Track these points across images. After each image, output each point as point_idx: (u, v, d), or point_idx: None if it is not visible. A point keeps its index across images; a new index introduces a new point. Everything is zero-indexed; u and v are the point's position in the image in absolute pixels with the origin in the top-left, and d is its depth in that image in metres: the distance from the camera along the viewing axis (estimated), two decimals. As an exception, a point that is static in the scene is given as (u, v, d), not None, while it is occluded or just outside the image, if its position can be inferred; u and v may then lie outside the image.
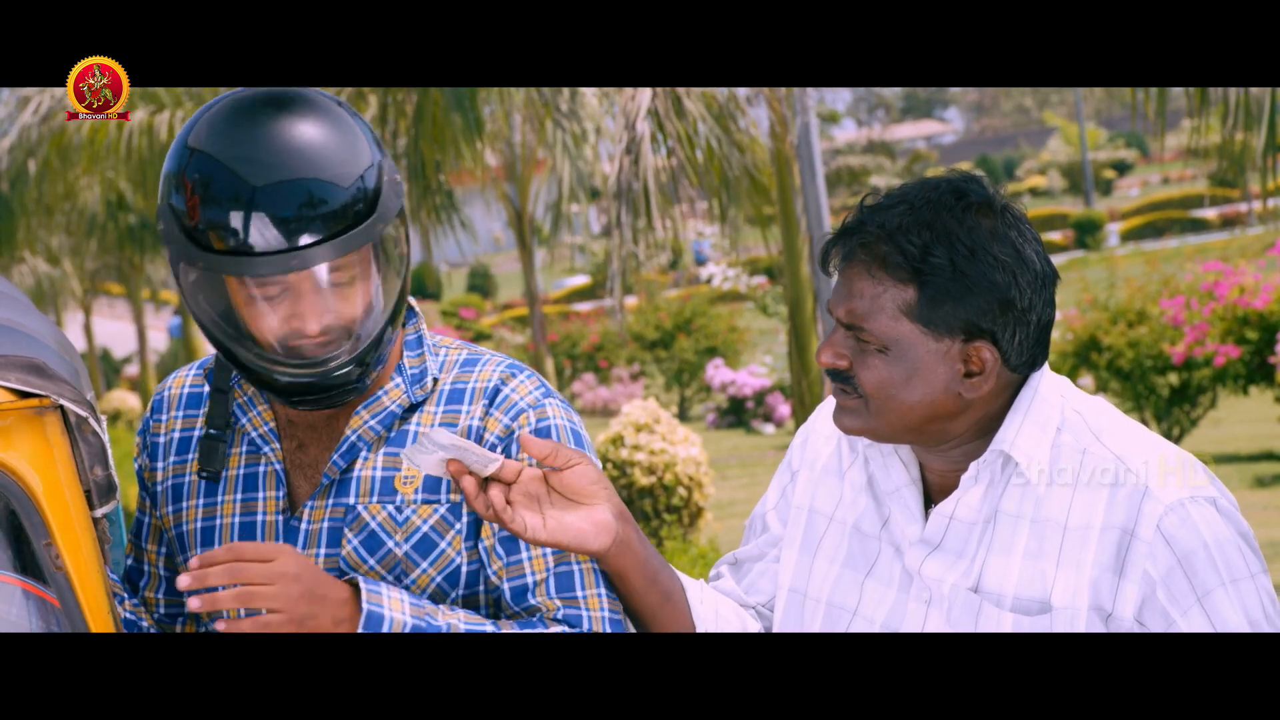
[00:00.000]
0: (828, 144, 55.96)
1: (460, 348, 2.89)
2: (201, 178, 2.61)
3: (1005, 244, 2.43)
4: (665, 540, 10.88)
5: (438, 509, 2.76)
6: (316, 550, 2.79)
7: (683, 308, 26.12)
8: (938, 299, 2.42)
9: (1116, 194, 62.99)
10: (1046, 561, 2.44)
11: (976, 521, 2.50)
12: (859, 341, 2.47)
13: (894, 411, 2.47)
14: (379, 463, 2.79)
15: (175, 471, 2.95)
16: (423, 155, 12.34)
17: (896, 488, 2.61)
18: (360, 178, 2.64)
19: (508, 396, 2.79)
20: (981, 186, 2.48)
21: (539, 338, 18.48)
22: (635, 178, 10.24)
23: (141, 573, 3.00)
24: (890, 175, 54.97)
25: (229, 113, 2.66)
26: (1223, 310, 15.62)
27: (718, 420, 23.11)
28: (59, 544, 2.65)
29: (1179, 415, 16.44)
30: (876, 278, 2.44)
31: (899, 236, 2.42)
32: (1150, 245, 36.73)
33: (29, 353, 2.79)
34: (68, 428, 2.72)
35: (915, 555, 2.55)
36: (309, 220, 2.60)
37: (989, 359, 2.45)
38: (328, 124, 2.65)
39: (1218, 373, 15.58)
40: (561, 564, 2.73)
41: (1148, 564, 2.37)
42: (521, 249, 17.47)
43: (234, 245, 2.60)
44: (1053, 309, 2.49)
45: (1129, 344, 16.09)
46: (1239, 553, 2.39)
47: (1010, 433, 2.48)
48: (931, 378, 2.45)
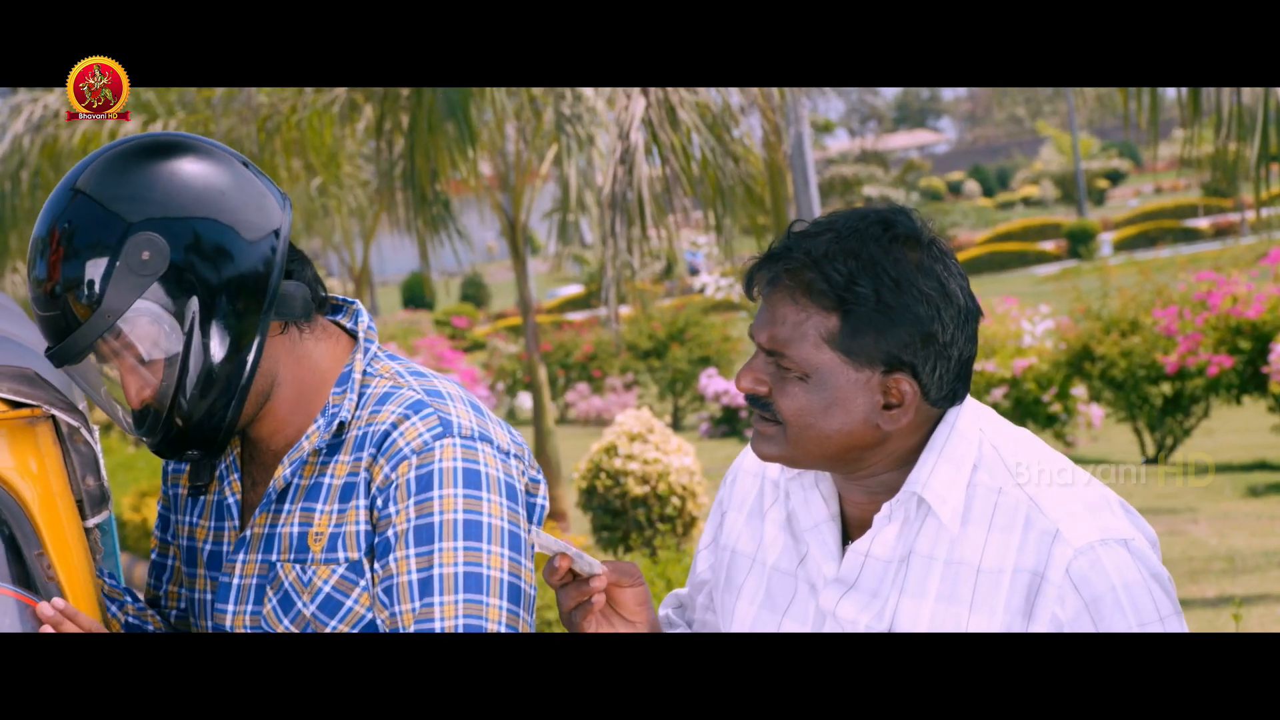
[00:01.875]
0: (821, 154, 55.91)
1: (389, 378, 2.76)
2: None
3: (930, 277, 2.41)
4: (659, 549, 10.87)
5: (336, 569, 2.68)
6: (245, 606, 2.76)
7: (676, 317, 26.11)
8: (860, 329, 2.40)
9: (1109, 203, 63.02)
10: (959, 605, 2.40)
11: (892, 560, 2.48)
12: (779, 368, 2.45)
13: (811, 440, 2.45)
14: (297, 518, 2.73)
15: (175, 480, 2.97)
16: (416, 165, 12.33)
17: (815, 524, 2.58)
18: (82, 284, 2.61)
19: (394, 441, 2.66)
20: (909, 219, 2.46)
21: (532, 347, 18.46)
22: (629, 187, 10.24)
23: (164, 567, 3.00)
24: (884, 185, 54.95)
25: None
26: (1216, 320, 15.63)
27: (711, 430, 23.10)
28: (51, 554, 2.65)
29: (1172, 425, 16.45)
30: (800, 304, 2.42)
31: (825, 264, 2.40)
32: (1143, 255, 36.69)
33: (21, 362, 2.78)
34: (60, 437, 2.72)
35: (830, 595, 2.53)
36: (49, 323, 2.65)
37: (908, 391, 2.42)
38: (73, 245, 2.62)
39: (1211, 382, 15.60)
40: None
41: (1056, 608, 2.34)
42: (515, 258, 17.45)
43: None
44: (974, 345, 2.47)
45: (1122, 354, 16.10)
46: (1148, 596, 2.34)
47: (924, 473, 2.45)
48: (850, 408, 2.43)
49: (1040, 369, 16.79)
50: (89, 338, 2.60)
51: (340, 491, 2.70)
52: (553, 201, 19.38)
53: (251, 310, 2.66)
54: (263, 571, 2.75)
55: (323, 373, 2.77)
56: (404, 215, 13.29)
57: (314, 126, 14.61)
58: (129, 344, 2.62)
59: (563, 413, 26.39)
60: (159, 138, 2.71)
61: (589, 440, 15.82)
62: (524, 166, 17.33)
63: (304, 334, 2.75)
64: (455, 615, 2.60)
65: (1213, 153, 9.23)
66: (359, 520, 2.68)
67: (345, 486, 2.70)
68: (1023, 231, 49.92)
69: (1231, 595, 10.00)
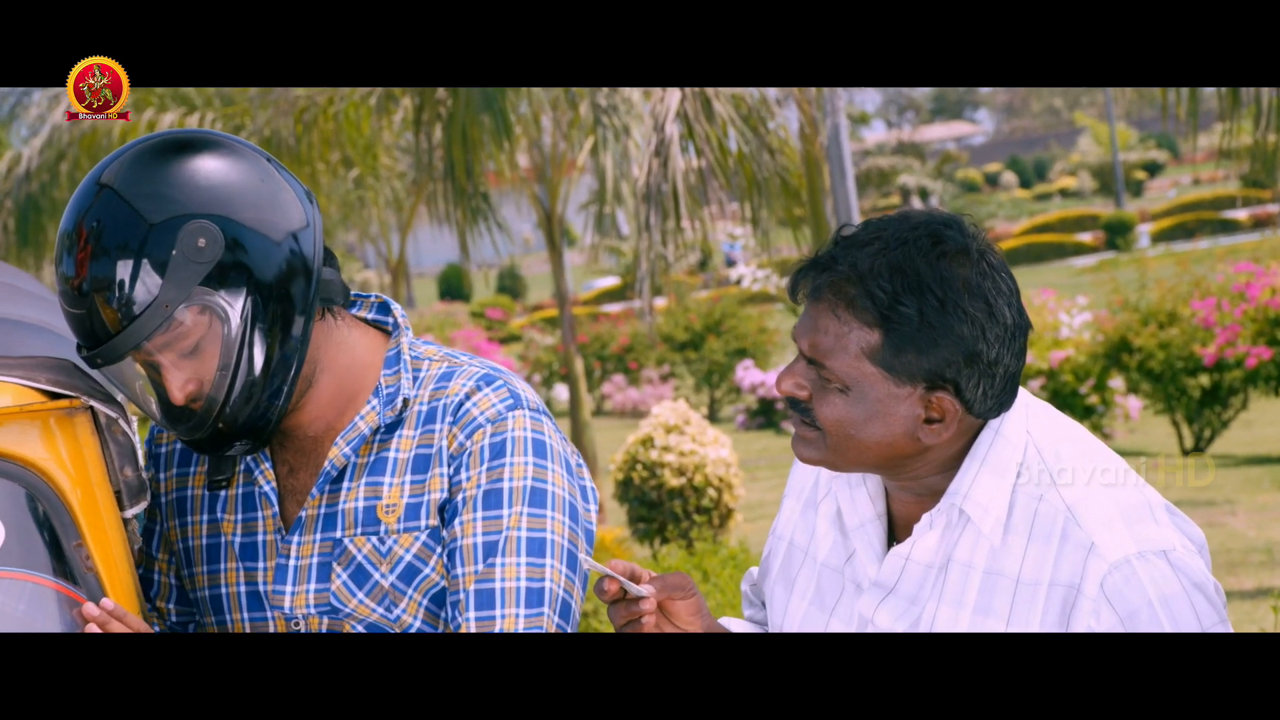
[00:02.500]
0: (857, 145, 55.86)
1: (441, 359, 2.81)
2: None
3: (977, 297, 2.37)
4: (695, 541, 10.87)
5: (419, 536, 2.72)
6: (307, 586, 2.77)
7: (712, 309, 26.09)
8: (902, 346, 2.36)
9: (1147, 195, 62.80)
10: (996, 619, 2.38)
11: (932, 565, 2.45)
12: (820, 377, 2.42)
13: (851, 450, 2.43)
14: (361, 493, 2.75)
15: (179, 484, 2.93)
16: (454, 157, 12.34)
17: (861, 523, 2.57)
18: (137, 278, 2.59)
19: (468, 411, 2.72)
20: (960, 232, 2.41)
21: (568, 339, 18.46)
22: (664, 180, 10.23)
23: (152, 582, 2.98)
24: (920, 176, 54.85)
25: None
26: (1254, 311, 15.58)
27: (747, 421, 23.10)
28: (89, 545, 2.66)
29: (1210, 417, 16.39)
30: (842, 318, 2.39)
31: (869, 280, 2.36)
32: (1181, 246, 36.56)
33: (60, 353, 2.79)
34: (98, 428, 2.73)
35: (869, 601, 2.51)
36: (94, 325, 2.62)
37: (950, 408, 2.39)
38: (110, 242, 2.60)
39: (1249, 374, 15.54)
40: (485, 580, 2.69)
41: (1091, 621, 2.31)
42: (551, 250, 17.46)
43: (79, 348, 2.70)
44: (1022, 359, 2.43)
45: (1160, 345, 16.05)
46: (1189, 607, 2.29)
47: (965, 483, 2.42)
48: (891, 421, 2.40)
49: (1078, 361, 16.75)
50: (144, 332, 2.59)
51: (413, 463, 2.73)
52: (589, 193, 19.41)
53: (300, 297, 2.67)
54: (325, 549, 2.76)
55: (362, 359, 2.79)
56: (443, 207, 13.30)
57: (351, 119, 14.63)
58: (180, 335, 2.62)
59: (599, 404, 26.41)
60: (186, 135, 2.71)
61: (625, 432, 15.83)
62: (560, 158, 17.34)
63: (339, 322, 2.76)
64: (517, 577, 2.66)
65: (1251, 144, 9.19)
66: (442, 488, 2.72)
67: (419, 458, 2.73)
68: (1060, 223, 49.78)
69: (1270, 587, 9.97)
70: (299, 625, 2.78)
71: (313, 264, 2.69)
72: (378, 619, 2.73)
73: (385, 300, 2.88)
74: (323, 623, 2.76)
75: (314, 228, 2.71)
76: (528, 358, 27.12)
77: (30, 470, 2.64)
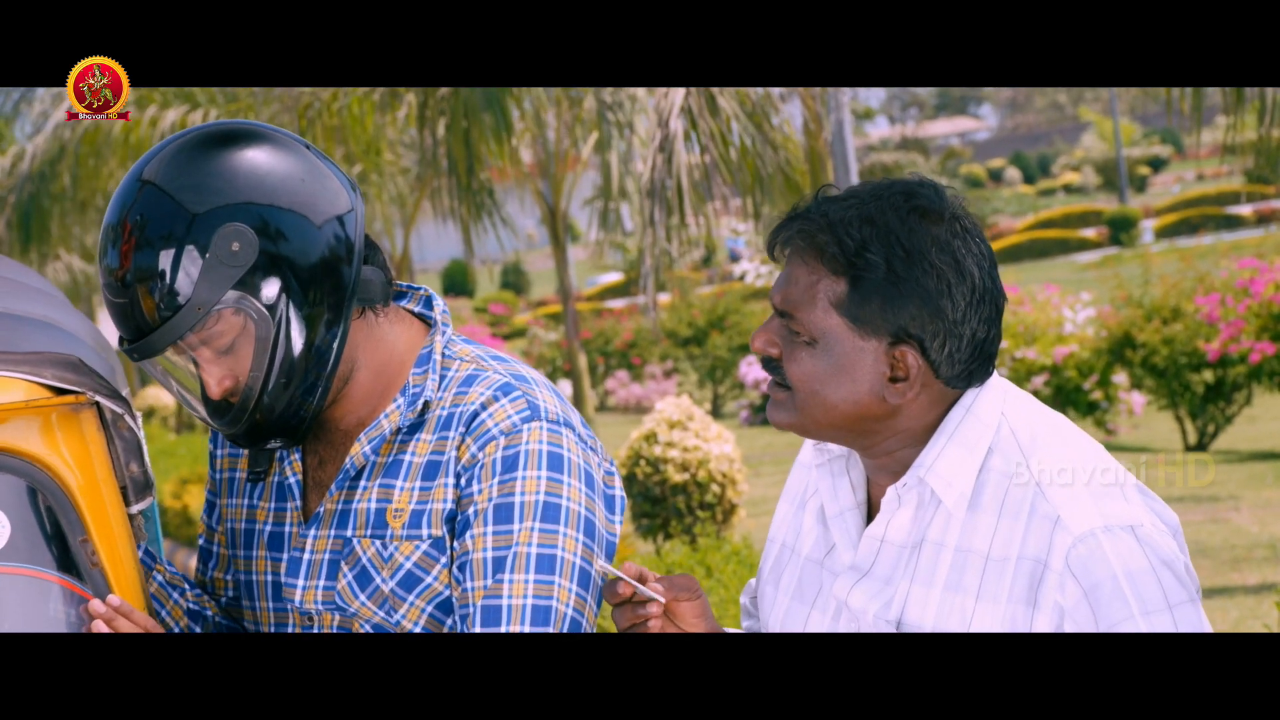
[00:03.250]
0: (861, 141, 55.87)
1: (471, 361, 2.79)
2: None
3: (945, 252, 2.39)
4: (699, 537, 10.87)
5: (420, 545, 2.70)
6: (317, 581, 2.78)
7: (716, 305, 26.10)
8: (868, 296, 2.38)
9: (1151, 190, 62.75)
10: (966, 595, 2.38)
11: (905, 545, 2.46)
12: (790, 332, 2.44)
13: (818, 407, 2.44)
14: (375, 494, 2.75)
15: (230, 464, 2.97)
16: (454, 154, 12.34)
17: (841, 511, 2.57)
18: (170, 277, 2.60)
19: (482, 422, 2.69)
20: (936, 192, 2.44)
21: (572, 334, 18.46)
22: (668, 175, 10.23)
23: (211, 553, 3.01)
24: (924, 172, 54.77)
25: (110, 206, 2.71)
26: (1258, 307, 15.57)
27: (751, 417, 23.10)
28: (95, 540, 2.66)
29: (1214, 412, 16.39)
30: (811, 266, 2.42)
31: (839, 228, 2.40)
32: (1185, 242, 36.55)
33: (65, 349, 2.80)
34: (103, 424, 2.73)
35: (844, 583, 2.52)
36: (132, 317, 2.64)
37: (914, 365, 2.40)
38: (152, 235, 2.61)
39: (1253, 370, 15.54)
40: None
41: (1057, 595, 2.31)
42: (555, 246, 17.47)
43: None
44: (993, 328, 2.44)
45: (1163, 341, 16.05)
46: (1155, 583, 2.29)
47: (930, 457, 2.43)
48: (857, 376, 2.41)
49: (1081, 356, 16.74)
50: (178, 331, 2.60)
51: (424, 469, 2.72)
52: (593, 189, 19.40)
53: (335, 297, 2.67)
54: (336, 547, 2.76)
55: (399, 355, 2.79)
56: (447, 202, 13.30)
57: (354, 114, 14.63)
58: (216, 334, 2.63)
59: (602, 400, 26.42)
60: (228, 126, 2.71)
61: (628, 428, 15.84)
62: (564, 154, 17.34)
63: (379, 318, 2.76)
64: (524, 594, 2.63)
65: (1255, 139, 9.19)
66: (446, 498, 2.70)
67: (429, 464, 2.72)
68: (1064, 219, 49.75)
69: (1273, 583, 9.97)
70: (312, 622, 2.79)
71: (355, 258, 2.70)
72: (380, 621, 2.73)
73: (431, 295, 2.88)
74: (334, 619, 2.77)
75: (358, 220, 2.72)
76: (531, 353, 27.14)
77: (36, 466, 2.65)
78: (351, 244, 2.70)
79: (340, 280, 2.68)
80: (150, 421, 25.77)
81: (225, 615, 3.00)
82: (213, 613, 2.97)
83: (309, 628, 2.80)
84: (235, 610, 3.00)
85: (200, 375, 2.67)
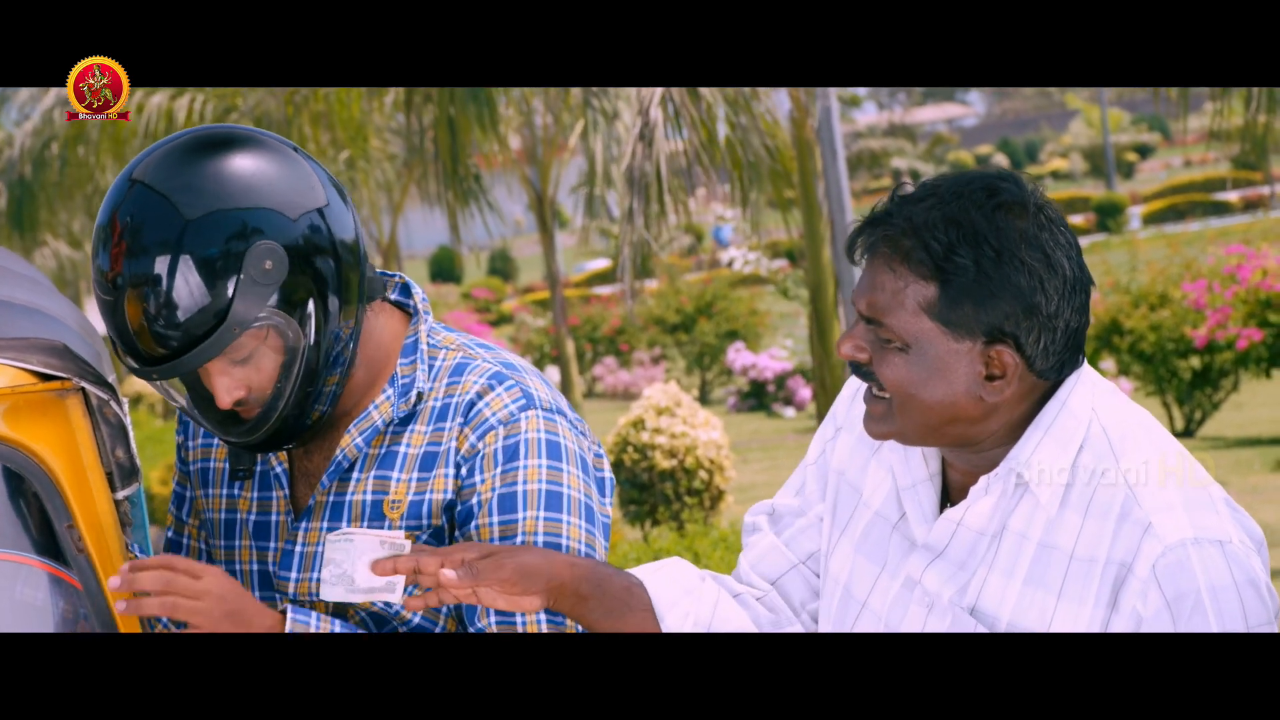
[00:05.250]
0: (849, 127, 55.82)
1: (457, 349, 2.80)
2: (97, 300, 2.66)
3: (1034, 248, 2.34)
4: (686, 524, 10.88)
5: (420, 535, 2.71)
6: (311, 574, 2.77)
7: (704, 291, 26.10)
8: (959, 299, 2.33)
9: (1138, 177, 62.85)
10: (1047, 593, 2.35)
11: (985, 533, 2.42)
12: (879, 338, 2.39)
13: (916, 410, 2.39)
14: (370, 485, 2.75)
15: (202, 455, 2.96)
16: (441, 141, 12.33)
17: (914, 483, 2.53)
18: (207, 298, 2.57)
19: (479, 411, 2.70)
20: (1017, 184, 2.39)
21: (560, 321, 18.47)
22: (648, 160, 10.22)
23: (181, 546, 3.00)
24: (911, 158, 54.84)
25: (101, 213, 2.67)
26: (1245, 293, 15.59)
27: (739, 404, 23.11)
28: (81, 526, 2.66)
29: (1201, 399, 16.41)
30: (898, 272, 2.36)
31: (924, 232, 2.34)
32: (1172, 228, 36.64)
33: (51, 335, 2.79)
34: (89, 410, 2.73)
35: (918, 562, 2.48)
36: (164, 339, 2.60)
37: (1010, 363, 2.35)
38: (181, 257, 2.57)
39: (1240, 356, 15.55)
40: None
41: (1138, 602, 2.27)
42: (542, 232, 17.47)
43: (124, 355, 2.67)
44: (1084, 315, 2.39)
45: (1151, 327, 16.07)
46: (1237, 601, 2.25)
47: (1026, 450, 2.39)
48: (952, 378, 2.36)
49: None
50: (214, 350, 2.58)
51: (421, 460, 2.73)
52: (580, 175, 19.40)
53: (351, 300, 2.68)
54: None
55: (385, 346, 2.79)
56: (434, 188, 13.30)
57: (342, 100, 14.62)
58: (237, 348, 2.61)
59: (590, 386, 26.42)
60: (235, 137, 2.69)
61: (616, 414, 15.83)
62: (551, 140, 17.34)
63: (366, 311, 2.76)
64: None
65: (1242, 125, 9.20)
66: (446, 489, 2.71)
67: (426, 455, 2.72)
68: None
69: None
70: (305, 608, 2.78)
71: (361, 259, 2.71)
72: (378, 610, 2.74)
73: (407, 282, 2.88)
74: (329, 606, 2.76)
75: (355, 221, 2.72)
76: (519, 340, 27.12)
77: (22, 452, 2.64)
78: (359, 245, 2.70)
79: (354, 283, 2.69)
80: (137, 408, 25.74)
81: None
82: None
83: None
84: None
85: (211, 387, 2.66)
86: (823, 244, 11.66)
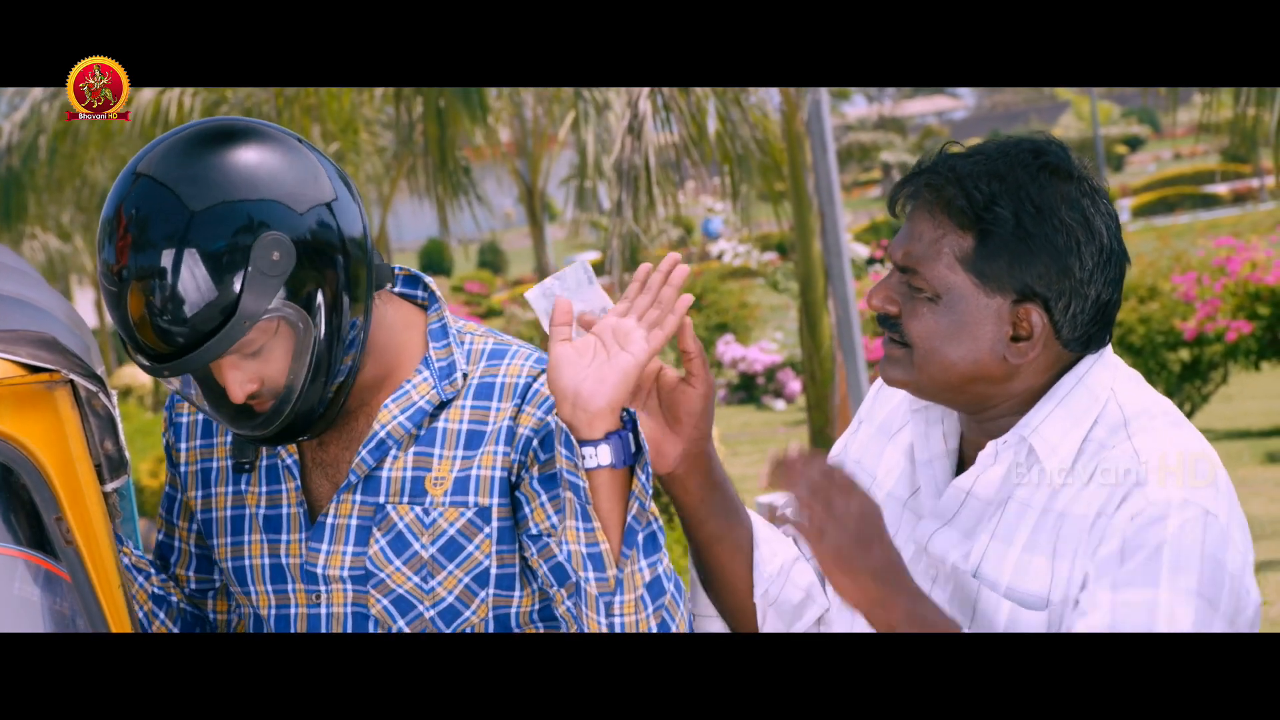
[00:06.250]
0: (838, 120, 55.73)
1: (485, 336, 2.83)
2: (104, 295, 2.66)
3: (1075, 209, 2.37)
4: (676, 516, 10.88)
5: (464, 512, 2.72)
6: (344, 547, 2.77)
7: (693, 283, 26.07)
8: (995, 252, 2.35)
9: (1128, 170, 62.88)
10: (1040, 554, 2.35)
11: (992, 501, 2.43)
12: (911, 288, 2.40)
13: (937, 365, 2.40)
14: (409, 462, 2.75)
15: (202, 455, 2.94)
16: (430, 133, 12.33)
17: (931, 458, 2.54)
18: (215, 292, 2.56)
19: (537, 392, 2.73)
20: (1063, 151, 2.42)
21: (550, 313, 18.37)
22: (637, 153, 10.22)
23: (172, 549, 3.00)
24: (901, 151, 54.83)
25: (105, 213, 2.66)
26: (1234, 286, 15.61)
27: (729, 396, 23.12)
28: (69, 518, 2.66)
29: (1190, 391, 16.43)
30: (938, 220, 2.38)
31: (967, 181, 2.36)
32: (1162, 221, 36.68)
33: (40, 327, 2.79)
34: (78, 402, 2.72)
35: (925, 529, 2.49)
36: (172, 335, 2.59)
37: (1038, 324, 2.37)
38: (187, 250, 2.55)
39: (1229, 348, 15.57)
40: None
41: (1103, 542, 2.29)
42: (532, 225, 17.47)
43: (134, 353, 2.67)
44: (1116, 290, 2.40)
45: (1140, 320, 16.08)
46: (1195, 571, 2.25)
47: (1037, 418, 2.39)
48: (978, 334, 2.37)
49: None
50: (225, 345, 2.57)
51: (466, 437, 2.74)
52: (570, 168, 19.39)
53: (361, 289, 2.69)
54: (365, 513, 2.76)
55: (399, 333, 2.80)
56: (423, 181, 13.30)
57: (331, 93, 14.61)
58: (248, 342, 2.61)
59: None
60: (247, 130, 2.68)
61: (606, 407, 15.81)
62: (541, 133, 17.33)
63: (375, 300, 2.76)
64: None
65: (1232, 118, 9.21)
66: (495, 465, 2.72)
67: (471, 433, 2.74)
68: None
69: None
70: (319, 600, 2.79)
71: (369, 248, 2.71)
72: (411, 588, 2.74)
73: (413, 273, 2.89)
74: (348, 595, 2.77)
75: (362, 212, 2.72)
76: (509, 333, 27.11)
77: (9, 444, 2.64)
78: (366, 236, 2.71)
79: (363, 271, 2.69)
80: (126, 400, 25.74)
81: (190, 602, 3.01)
82: (178, 599, 2.98)
83: (314, 607, 2.81)
84: (199, 600, 3.01)
85: (223, 382, 2.65)
86: (813, 237, 11.66)
